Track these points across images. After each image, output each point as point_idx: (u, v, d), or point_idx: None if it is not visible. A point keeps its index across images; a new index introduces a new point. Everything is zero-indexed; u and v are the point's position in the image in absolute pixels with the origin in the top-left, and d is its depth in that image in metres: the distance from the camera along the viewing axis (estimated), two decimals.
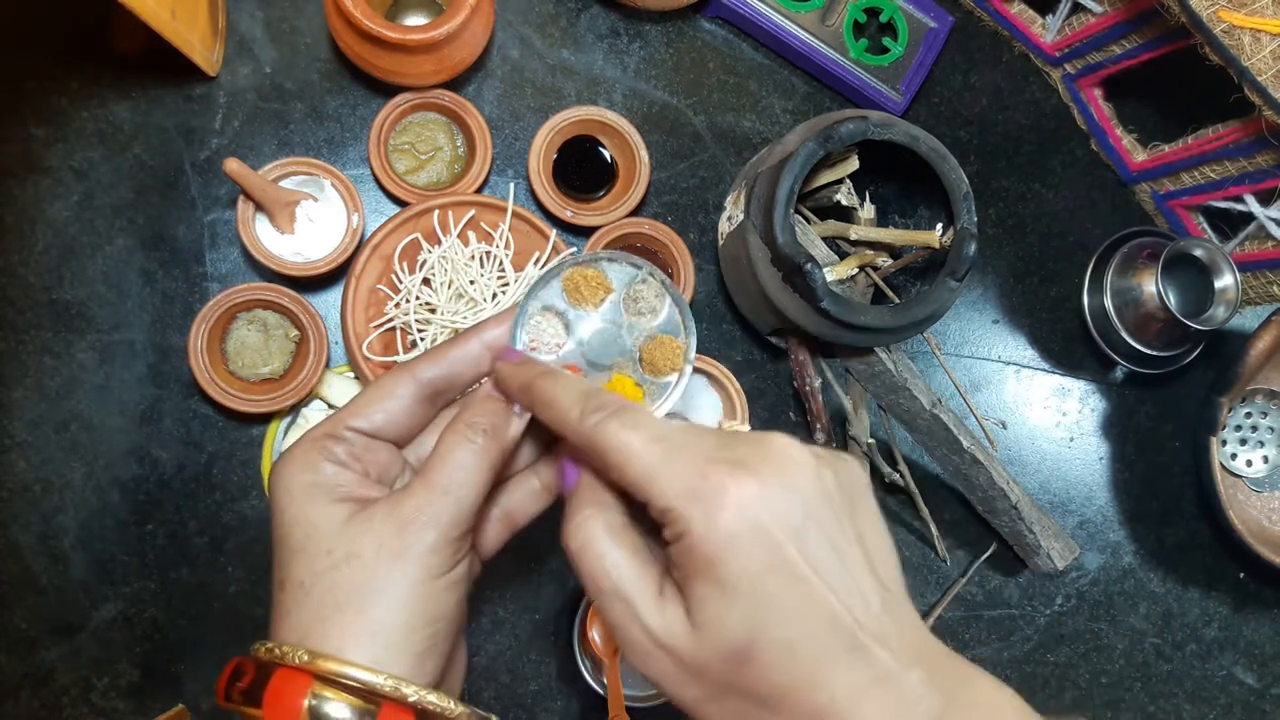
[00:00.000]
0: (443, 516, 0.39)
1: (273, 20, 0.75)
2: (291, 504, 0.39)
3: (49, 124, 0.72)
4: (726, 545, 0.34)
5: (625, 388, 0.55)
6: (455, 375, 0.43)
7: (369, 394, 0.42)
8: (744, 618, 0.34)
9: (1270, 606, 0.86)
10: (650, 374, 0.54)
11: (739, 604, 0.34)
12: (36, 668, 0.70)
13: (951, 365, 0.83)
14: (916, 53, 0.81)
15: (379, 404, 0.42)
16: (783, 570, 0.34)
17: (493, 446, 0.41)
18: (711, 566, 0.35)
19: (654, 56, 0.80)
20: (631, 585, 0.37)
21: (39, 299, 0.71)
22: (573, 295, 0.55)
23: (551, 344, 0.54)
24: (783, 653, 0.34)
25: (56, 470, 0.70)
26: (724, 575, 0.34)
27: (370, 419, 0.41)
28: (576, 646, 0.74)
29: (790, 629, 0.34)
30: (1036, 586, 0.83)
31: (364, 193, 0.74)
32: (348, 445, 0.41)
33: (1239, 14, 0.63)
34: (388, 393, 0.42)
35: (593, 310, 0.55)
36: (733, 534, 0.34)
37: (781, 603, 0.34)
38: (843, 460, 0.39)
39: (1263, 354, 0.78)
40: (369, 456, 0.41)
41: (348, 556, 0.38)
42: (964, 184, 0.67)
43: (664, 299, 0.55)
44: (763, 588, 0.34)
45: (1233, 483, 0.85)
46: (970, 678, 0.36)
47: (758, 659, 0.35)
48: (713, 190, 0.80)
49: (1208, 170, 0.77)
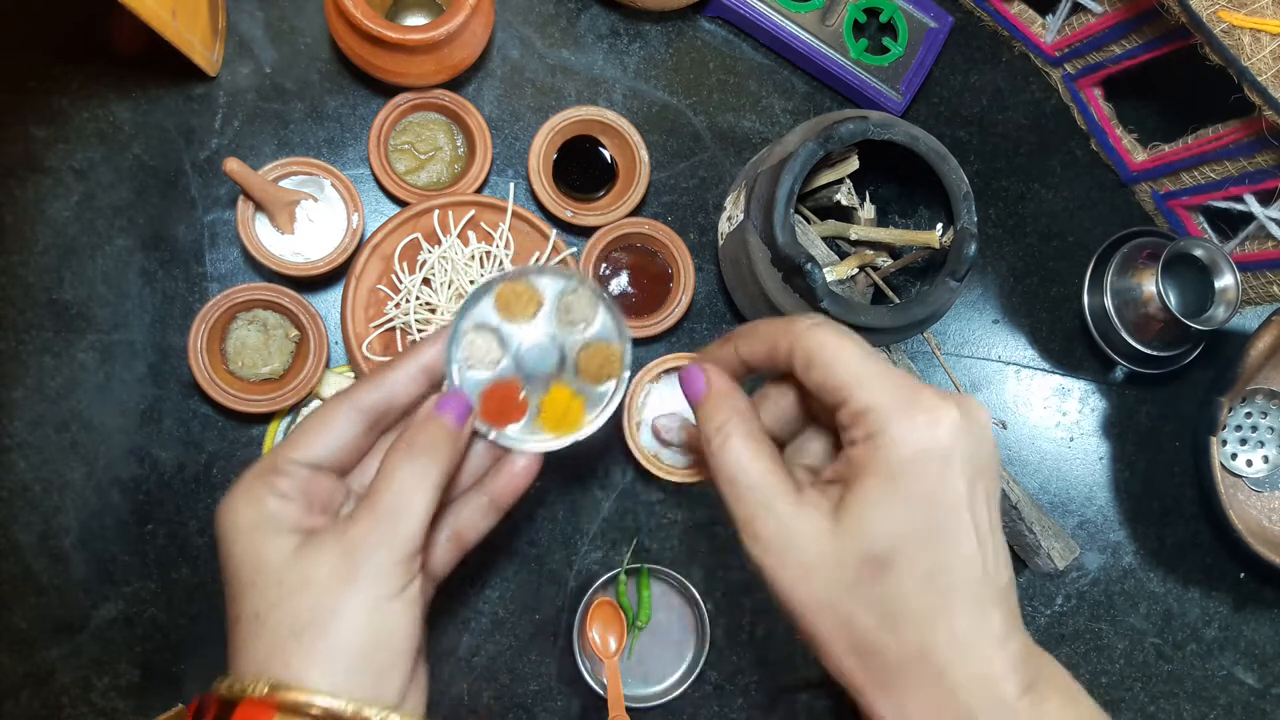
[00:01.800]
0: (391, 539, 0.40)
1: (273, 20, 0.75)
2: (239, 540, 0.40)
3: (49, 124, 0.72)
4: (916, 456, 0.36)
5: (563, 398, 0.56)
6: (393, 399, 0.44)
7: (308, 425, 0.42)
8: (899, 528, 0.36)
9: (1270, 606, 0.86)
10: (589, 382, 0.55)
11: (900, 512, 0.36)
12: (37, 668, 0.70)
13: (951, 365, 0.83)
14: (916, 53, 0.81)
15: (319, 435, 0.42)
16: (950, 504, 0.36)
17: (436, 468, 0.42)
18: (892, 470, 0.36)
19: (654, 56, 0.80)
20: (771, 478, 0.38)
21: (39, 299, 0.71)
22: (504, 310, 0.55)
23: (487, 360, 0.54)
24: (920, 575, 0.36)
25: (56, 470, 0.70)
26: (899, 482, 0.36)
27: (311, 451, 0.42)
28: (576, 646, 0.73)
29: (934, 558, 0.36)
30: (1037, 586, 0.83)
31: (364, 193, 0.74)
32: (290, 478, 0.41)
33: (1239, 14, 0.63)
34: (327, 423, 0.42)
35: (526, 323, 0.54)
36: (925, 449, 0.36)
37: (937, 530, 0.36)
38: None
39: (1263, 354, 0.78)
40: (312, 488, 0.42)
41: (300, 585, 0.39)
42: (964, 184, 0.67)
43: (597, 307, 0.55)
44: (927, 508, 0.36)
45: (1233, 483, 0.85)
46: (1052, 662, 0.38)
47: (894, 571, 0.36)
48: (713, 190, 0.80)
49: (1208, 170, 0.77)
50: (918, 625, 0.36)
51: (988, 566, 0.36)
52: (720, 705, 0.77)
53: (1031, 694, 0.36)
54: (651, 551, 0.77)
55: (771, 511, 0.38)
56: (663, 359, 0.75)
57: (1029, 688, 0.36)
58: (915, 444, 0.36)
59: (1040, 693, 0.36)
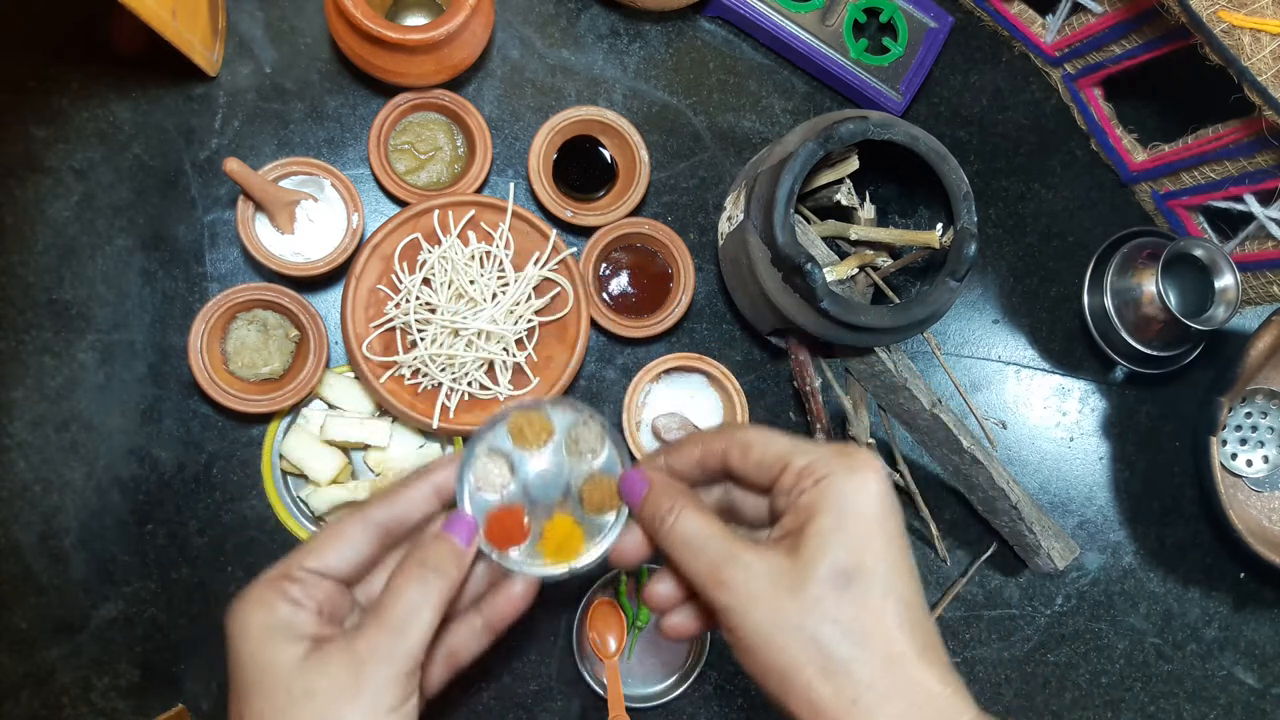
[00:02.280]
0: (396, 654, 0.41)
1: (273, 20, 0.75)
2: (248, 642, 0.41)
3: (49, 124, 0.72)
4: (859, 489, 0.41)
5: (565, 526, 0.59)
6: (405, 516, 0.46)
7: (324, 536, 0.44)
8: (856, 547, 0.40)
9: (1270, 606, 0.86)
10: (591, 513, 0.57)
11: (854, 537, 0.40)
12: (37, 668, 0.70)
13: (951, 365, 0.83)
14: (916, 53, 0.81)
15: (333, 546, 0.44)
16: (891, 533, 0.41)
17: (442, 585, 0.44)
18: (844, 502, 0.41)
19: (654, 56, 0.80)
20: (726, 539, 0.43)
21: (39, 299, 0.71)
22: (517, 438, 0.58)
23: (497, 484, 0.57)
24: (879, 590, 0.40)
25: (56, 470, 0.70)
26: (850, 510, 0.41)
27: (325, 560, 0.43)
28: (576, 646, 0.73)
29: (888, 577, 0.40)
30: (1037, 586, 0.83)
31: (364, 193, 0.74)
32: (302, 585, 0.42)
33: (1239, 14, 0.63)
34: (342, 535, 0.44)
35: (536, 451, 0.58)
36: (865, 486, 0.41)
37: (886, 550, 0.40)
38: None
39: (1263, 354, 0.78)
40: (322, 596, 0.43)
41: (305, 694, 0.40)
42: (964, 184, 0.66)
43: (604, 440, 0.58)
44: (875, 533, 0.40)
45: (1233, 483, 0.85)
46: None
47: (857, 584, 0.40)
48: (713, 190, 0.80)
49: (1208, 170, 0.77)
50: (884, 637, 0.39)
51: (916, 592, 0.41)
52: (720, 705, 0.77)
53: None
54: None
55: (735, 559, 0.41)
56: (663, 359, 0.75)
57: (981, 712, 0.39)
58: (858, 481, 0.41)
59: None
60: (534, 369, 0.72)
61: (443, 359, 0.70)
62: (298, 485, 0.72)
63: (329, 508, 0.71)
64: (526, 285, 0.72)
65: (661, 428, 0.74)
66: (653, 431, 0.74)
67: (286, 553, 0.75)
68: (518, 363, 0.72)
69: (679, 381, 0.77)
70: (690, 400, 0.77)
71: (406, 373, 0.70)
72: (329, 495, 0.70)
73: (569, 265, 0.73)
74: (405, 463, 0.71)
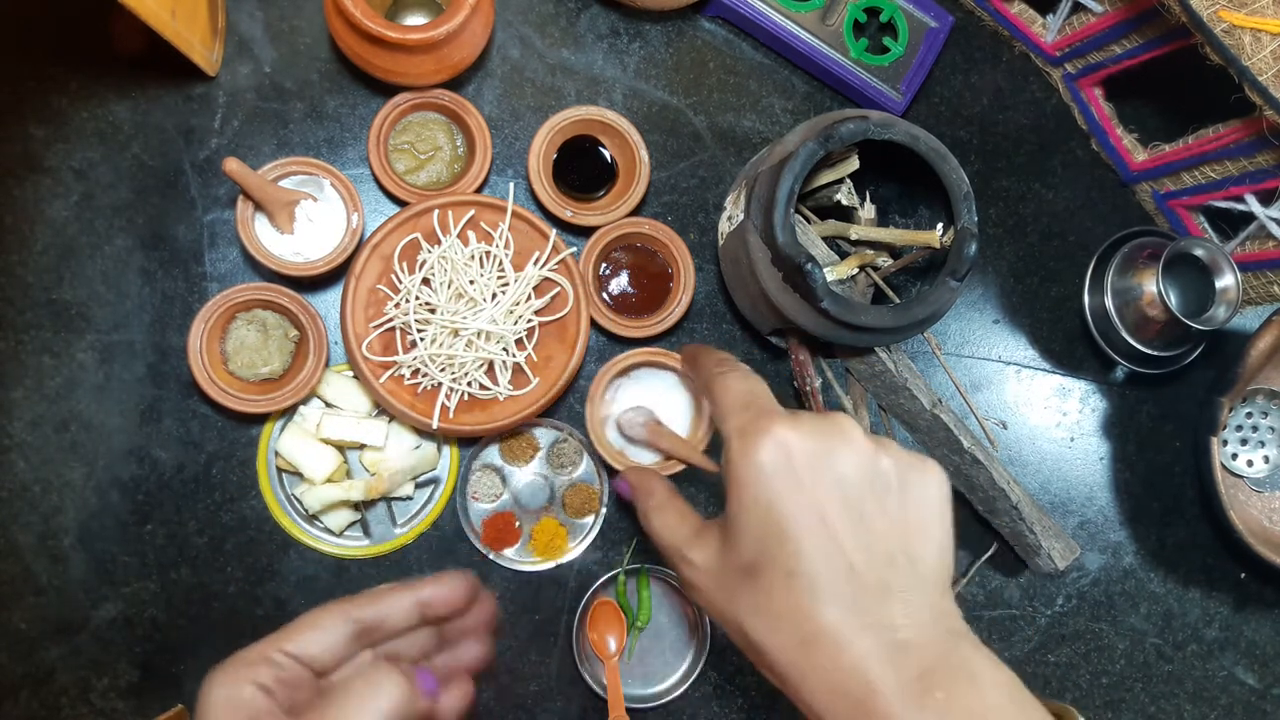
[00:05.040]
0: None
1: (273, 20, 0.75)
2: (211, 711, 0.43)
3: (49, 124, 0.72)
4: (751, 472, 0.41)
5: (550, 527, 0.74)
6: (384, 621, 0.47)
7: (305, 622, 0.45)
8: (756, 537, 0.41)
9: (1271, 607, 0.86)
10: (572, 516, 0.74)
11: (752, 525, 0.41)
12: (36, 668, 0.69)
13: (952, 365, 0.83)
14: (917, 52, 0.81)
15: (312, 634, 0.45)
16: (800, 509, 0.40)
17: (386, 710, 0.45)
18: (738, 487, 0.41)
19: (654, 56, 0.80)
20: (674, 535, 0.47)
21: (39, 299, 0.71)
22: (507, 454, 0.74)
23: (490, 494, 0.74)
24: (781, 577, 0.40)
25: (56, 470, 0.70)
26: (744, 496, 0.41)
27: (302, 646, 0.45)
28: (576, 647, 0.73)
29: (791, 559, 0.40)
30: (1037, 587, 0.83)
31: (364, 192, 0.74)
32: (276, 670, 0.44)
33: (1239, 14, 0.63)
34: (321, 625, 0.45)
35: (524, 465, 0.73)
36: (759, 462, 0.40)
37: (791, 535, 0.40)
38: (919, 460, 0.43)
39: (1263, 354, 0.78)
40: (291, 682, 0.44)
41: None
42: (964, 184, 0.66)
43: (582, 454, 0.73)
44: (775, 515, 0.40)
45: (1233, 483, 0.85)
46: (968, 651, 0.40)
47: (762, 577, 0.40)
48: (713, 190, 0.80)
49: (1208, 170, 0.77)
50: (792, 623, 0.40)
51: (856, 561, 0.39)
52: (720, 705, 0.77)
53: (921, 682, 0.38)
54: (651, 552, 0.77)
55: (683, 559, 0.45)
56: (626, 355, 0.73)
57: (920, 677, 0.38)
58: (751, 460, 0.41)
59: (933, 680, 0.38)
60: (534, 369, 0.72)
61: (442, 359, 0.70)
62: (293, 483, 0.72)
63: (322, 506, 0.71)
64: (526, 285, 0.72)
65: (626, 423, 0.72)
66: (617, 427, 0.73)
67: (285, 552, 0.75)
68: (517, 363, 0.72)
69: (649, 378, 0.75)
70: (661, 398, 0.75)
71: (406, 373, 0.70)
72: (323, 493, 0.70)
73: (569, 265, 0.73)
74: (401, 463, 0.71)
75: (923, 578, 0.41)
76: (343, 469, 0.72)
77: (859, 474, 0.41)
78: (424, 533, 0.74)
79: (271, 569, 0.72)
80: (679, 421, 0.73)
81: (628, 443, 0.73)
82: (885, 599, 0.39)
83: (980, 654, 0.40)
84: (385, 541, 0.73)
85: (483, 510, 0.74)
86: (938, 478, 0.43)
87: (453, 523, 0.74)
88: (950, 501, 0.44)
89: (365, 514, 0.73)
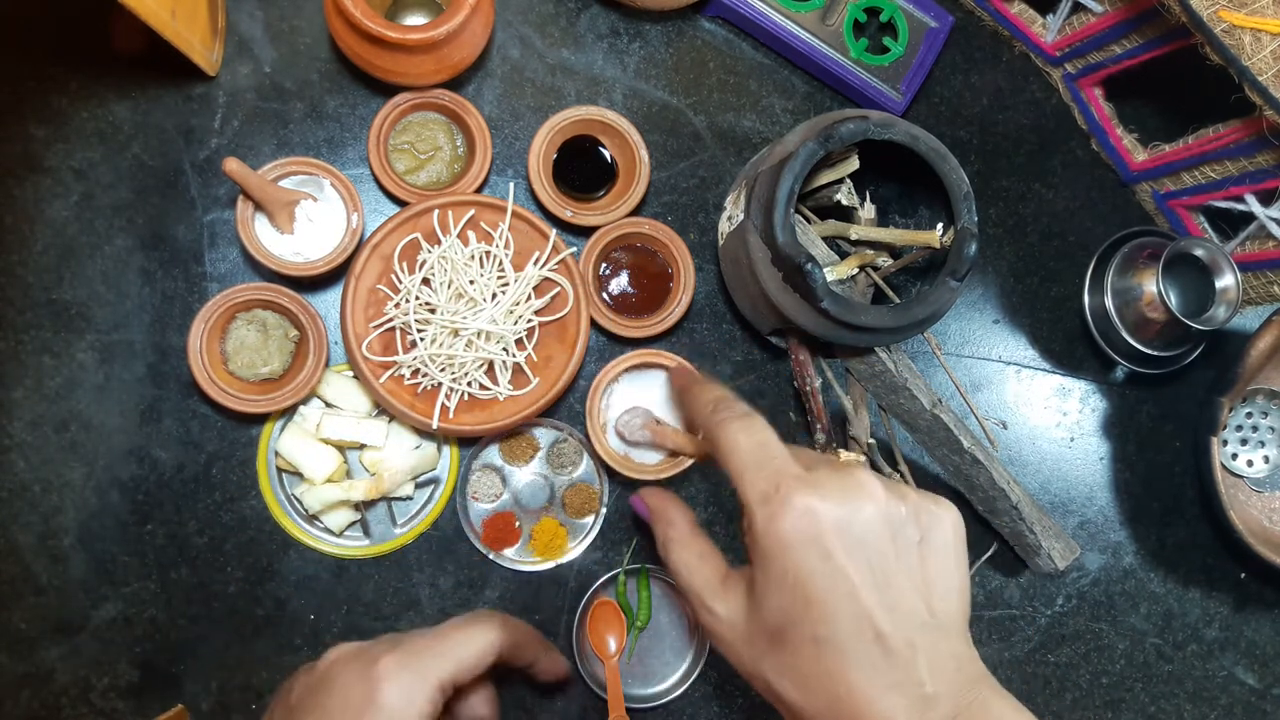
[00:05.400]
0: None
1: (273, 20, 0.75)
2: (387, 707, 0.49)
3: (49, 124, 0.72)
4: (779, 545, 0.41)
5: (550, 527, 0.73)
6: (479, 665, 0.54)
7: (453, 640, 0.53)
8: (782, 606, 0.41)
9: (1271, 607, 0.86)
10: (572, 516, 0.72)
11: (781, 594, 0.41)
12: (36, 668, 0.69)
13: (952, 365, 0.83)
14: (917, 52, 0.81)
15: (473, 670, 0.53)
16: (827, 575, 0.40)
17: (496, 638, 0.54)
18: (765, 559, 0.41)
19: (654, 56, 0.80)
20: (696, 578, 0.46)
21: (39, 299, 0.71)
22: (507, 454, 0.73)
23: (491, 494, 0.72)
24: (810, 644, 0.41)
25: (56, 470, 0.70)
26: (771, 568, 0.41)
27: (461, 678, 0.52)
28: (576, 647, 0.73)
29: (819, 626, 0.40)
30: (1037, 587, 0.83)
31: (363, 192, 0.74)
32: (442, 694, 0.51)
33: (1239, 14, 0.63)
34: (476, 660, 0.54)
35: (524, 465, 0.72)
36: (786, 536, 0.41)
37: (818, 603, 0.40)
38: (933, 504, 0.44)
39: (1263, 354, 0.78)
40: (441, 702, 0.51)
41: None
42: (964, 184, 0.66)
43: (582, 454, 0.72)
44: (803, 586, 0.41)
45: (1233, 483, 0.85)
46: (989, 695, 0.41)
47: (789, 643, 0.41)
48: (713, 190, 0.80)
49: (1208, 170, 0.77)
50: (821, 685, 0.41)
51: (880, 620, 0.40)
52: (720, 705, 0.77)
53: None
54: (651, 552, 0.77)
55: (704, 607, 0.46)
56: (622, 358, 0.73)
57: None
58: (776, 533, 0.41)
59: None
60: (534, 369, 0.72)
61: (442, 359, 0.70)
62: (293, 483, 0.72)
63: (322, 506, 0.71)
64: (526, 285, 0.72)
65: (625, 427, 0.72)
66: (616, 433, 0.73)
67: (285, 552, 0.75)
68: (518, 363, 0.72)
69: (641, 379, 0.75)
70: (655, 395, 0.75)
71: (406, 373, 0.70)
72: (323, 494, 0.70)
73: (569, 265, 0.73)
74: (401, 463, 0.71)
75: (945, 629, 0.42)
76: (343, 469, 0.72)
77: (881, 532, 0.42)
78: (424, 533, 0.74)
79: (271, 569, 0.72)
80: (675, 416, 0.73)
81: (630, 447, 0.73)
82: (912, 658, 0.40)
83: (1000, 698, 0.42)
84: (385, 541, 0.73)
85: (483, 510, 0.74)
86: (952, 517, 0.44)
87: (453, 523, 0.74)
88: (964, 540, 0.45)
89: (365, 514, 0.73)
